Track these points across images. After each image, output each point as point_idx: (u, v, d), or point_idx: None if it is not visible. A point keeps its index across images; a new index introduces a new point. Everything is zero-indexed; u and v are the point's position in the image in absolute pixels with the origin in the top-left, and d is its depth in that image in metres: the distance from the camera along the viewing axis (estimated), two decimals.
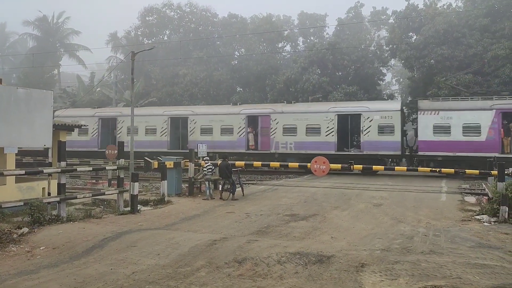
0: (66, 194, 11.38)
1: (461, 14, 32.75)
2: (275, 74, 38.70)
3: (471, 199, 14.96)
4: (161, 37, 47.30)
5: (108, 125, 29.95)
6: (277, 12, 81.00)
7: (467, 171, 17.01)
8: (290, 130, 25.34)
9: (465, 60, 30.55)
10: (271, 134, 25.75)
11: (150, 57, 40.50)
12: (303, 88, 34.73)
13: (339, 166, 17.23)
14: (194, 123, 27.46)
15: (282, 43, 44.19)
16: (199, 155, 17.34)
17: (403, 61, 34.88)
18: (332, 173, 20.93)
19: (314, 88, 34.32)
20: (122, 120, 28.88)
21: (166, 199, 14.27)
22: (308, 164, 16.34)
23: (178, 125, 28.63)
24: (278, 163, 20.65)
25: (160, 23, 46.42)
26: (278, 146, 25.44)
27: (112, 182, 19.37)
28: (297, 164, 19.18)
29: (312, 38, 47.70)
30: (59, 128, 15.55)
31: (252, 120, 26.80)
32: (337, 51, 35.86)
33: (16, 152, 12.06)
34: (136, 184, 12.35)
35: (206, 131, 27.09)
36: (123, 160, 12.73)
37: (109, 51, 49.80)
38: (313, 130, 24.92)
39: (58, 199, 10.87)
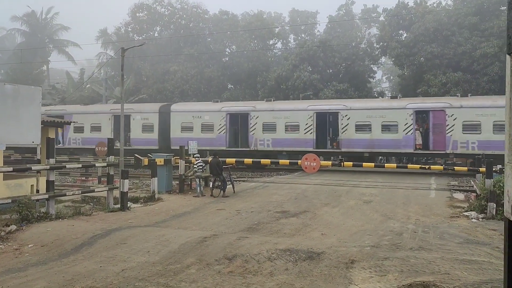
0: (55, 191, 11.28)
1: (450, 13, 33.01)
2: (266, 71, 38.75)
3: (460, 195, 15.10)
4: (151, 33, 46.99)
5: (237, 121, 27.18)
6: (268, 9, 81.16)
7: (456, 168, 17.15)
8: (471, 127, 22.32)
9: (454, 58, 30.84)
10: (447, 131, 22.69)
11: (141, 53, 40.22)
12: (294, 86, 34.83)
13: (329, 163, 17.32)
14: (347, 119, 24.34)
15: (273, 40, 44.22)
16: (189, 152, 17.29)
17: (393, 59, 35.11)
18: (322, 170, 21.02)
19: (305, 86, 34.44)
20: (256, 116, 26.06)
21: (156, 196, 14.23)
22: (299, 161, 16.44)
23: (325, 121, 25.89)
24: (269, 160, 20.68)
25: (150, 19, 46.11)
26: (456, 145, 22.43)
27: (102, 179, 19.25)
28: (288, 161, 19.24)
29: (303, 35, 47.81)
30: (47, 125, 15.38)
31: (420, 116, 24.07)
32: (328, 48, 35.98)
33: (4, 149, 11.92)
34: (126, 181, 12.29)
35: (363, 128, 24.13)
36: (113, 157, 12.66)
37: (99, 47, 49.37)
38: (502, 127, 22.56)
39: (46, 196, 10.78)
